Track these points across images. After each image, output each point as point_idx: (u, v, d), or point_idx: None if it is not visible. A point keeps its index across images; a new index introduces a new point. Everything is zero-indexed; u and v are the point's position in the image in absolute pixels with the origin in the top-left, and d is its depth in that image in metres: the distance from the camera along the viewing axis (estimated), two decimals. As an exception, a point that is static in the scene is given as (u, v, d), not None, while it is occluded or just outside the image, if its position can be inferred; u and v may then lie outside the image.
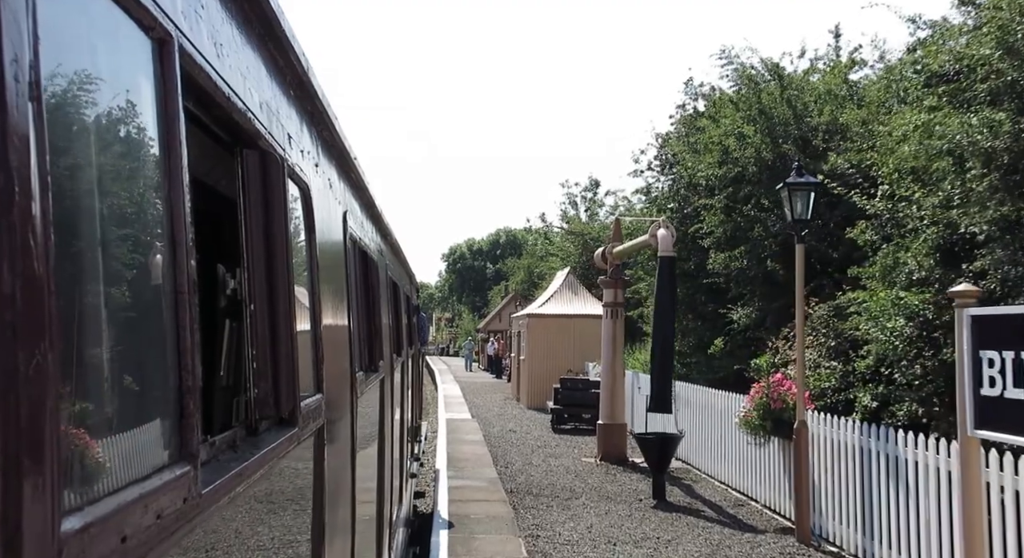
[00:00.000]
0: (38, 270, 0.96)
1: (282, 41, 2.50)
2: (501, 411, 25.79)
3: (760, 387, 11.12)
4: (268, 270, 2.39)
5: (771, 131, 17.15)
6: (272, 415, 2.40)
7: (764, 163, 16.98)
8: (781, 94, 17.41)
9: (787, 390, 10.70)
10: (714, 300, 18.66)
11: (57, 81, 1.11)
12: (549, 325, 26.39)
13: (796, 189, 10.37)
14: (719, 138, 17.95)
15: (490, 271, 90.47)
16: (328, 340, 3.19)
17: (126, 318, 1.42)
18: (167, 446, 1.49)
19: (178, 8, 1.54)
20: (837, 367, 12.17)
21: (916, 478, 8.24)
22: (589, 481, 13.72)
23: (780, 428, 10.78)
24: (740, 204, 17.31)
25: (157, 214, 1.50)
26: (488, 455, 16.11)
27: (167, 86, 1.49)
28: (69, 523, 1.02)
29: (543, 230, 50.78)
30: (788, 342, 13.57)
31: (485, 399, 30.00)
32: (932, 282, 10.33)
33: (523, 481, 13.55)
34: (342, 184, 4.13)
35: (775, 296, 16.17)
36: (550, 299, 27.98)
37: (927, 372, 9.98)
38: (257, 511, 2.15)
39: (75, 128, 1.20)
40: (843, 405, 11.46)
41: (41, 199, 0.97)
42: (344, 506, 3.79)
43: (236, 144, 2.28)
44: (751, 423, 11.15)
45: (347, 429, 3.92)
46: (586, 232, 36.66)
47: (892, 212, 11.52)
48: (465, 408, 26.24)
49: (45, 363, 0.96)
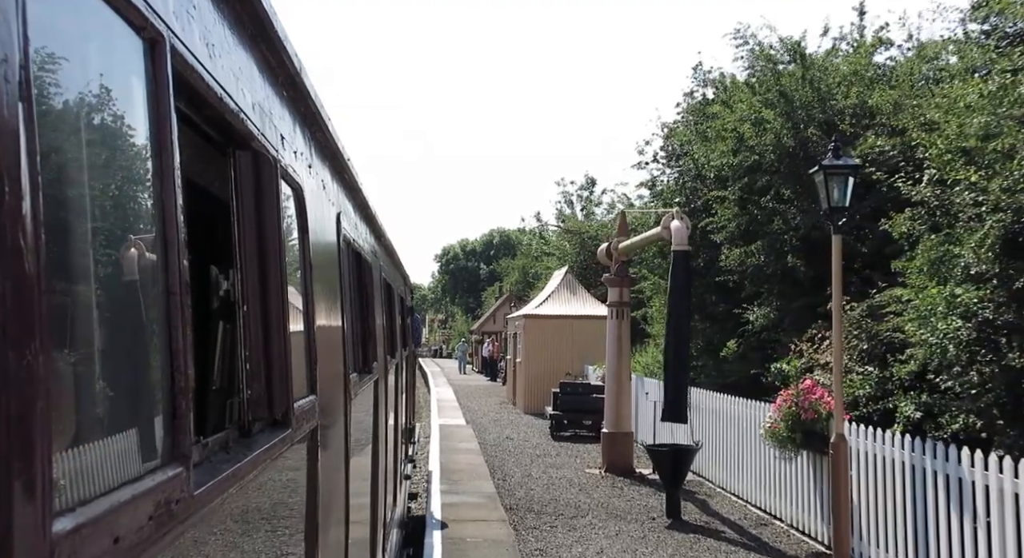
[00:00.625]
0: (29, 271, 0.96)
1: (275, 42, 2.50)
2: (497, 416, 24.81)
3: (788, 395, 9.97)
4: (261, 271, 2.38)
5: (792, 115, 15.85)
6: (265, 416, 2.40)
7: (784, 150, 15.75)
8: (803, 75, 16.14)
9: (819, 398, 9.66)
10: (725, 299, 17.49)
11: (47, 81, 1.11)
12: (546, 326, 25.45)
13: (833, 173, 8.90)
14: (733, 124, 16.75)
15: (484, 272, 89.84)
16: (322, 341, 3.18)
17: (118, 319, 1.42)
18: (159, 447, 1.48)
19: (170, 8, 1.54)
20: (872, 373, 11.07)
21: (985, 502, 7.20)
22: (595, 496, 12.71)
23: (811, 441, 9.75)
24: (757, 195, 16.12)
25: (149, 215, 1.50)
26: (484, 466, 15.09)
27: (159, 87, 1.48)
28: (61, 524, 1.02)
29: (538, 229, 49.93)
30: (814, 344, 12.59)
31: (480, 403, 29.08)
32: (991, 277, 9.12)
33: (523, 496, 12.53)
34: (335, 185, 4.12)
35: (795, 295, 15.01)
36: (548, 299, 26.96)
37: (985, 379, 8.91)
38: (250, 512, 2.14)
39: (66, 128, 1.19)
40: (879, 415, 10.37)
41: (32, 200, 0.97)
42: (338, 508, 3.79)
43: (229, 145, 2.28)
44: (778, 435, 9.99)
45: (341, 431, 3.91)
46: (584, 230, 35.90)
47: (941, 199, 10.35)
48: (459, 413, 25.26)
49: (36, 363, 0.96)
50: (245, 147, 2.29)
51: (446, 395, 32.21)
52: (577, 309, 25.93)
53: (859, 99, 15.57)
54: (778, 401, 10.10)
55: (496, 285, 70.31)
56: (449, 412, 25.46)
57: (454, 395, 32.12)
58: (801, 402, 9.74)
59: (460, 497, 12.22)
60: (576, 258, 33.67)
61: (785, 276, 15.35)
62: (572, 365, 24.48)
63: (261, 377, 2.37)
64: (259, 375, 2.37)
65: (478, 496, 12.37)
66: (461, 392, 33.95)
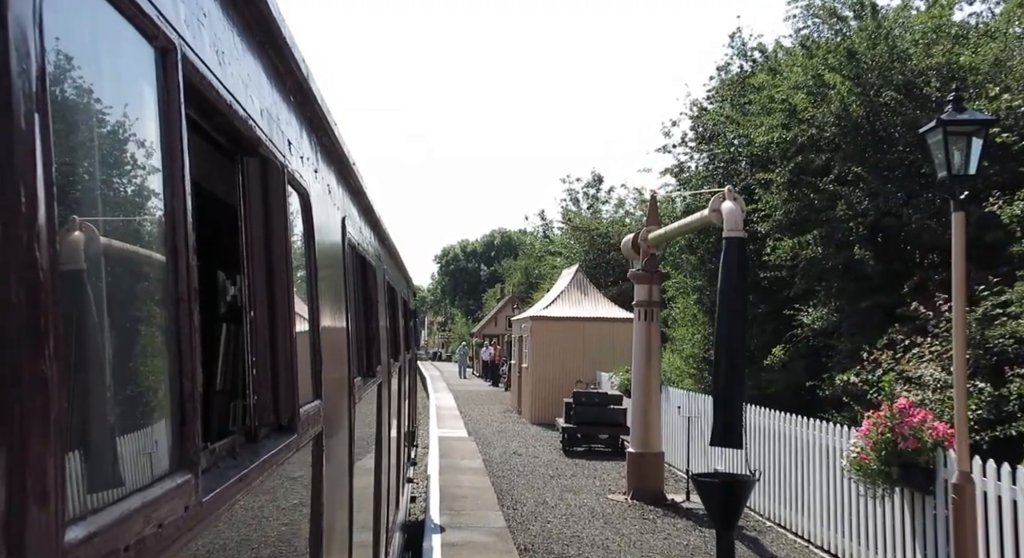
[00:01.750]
0: (42, 278, 0.96)
1: (283, 48, 2.51)
2: (501, 427, 22.70)
3: (880, 418, 8.06)
4: (268, 277, 2.39)
5: (861, 78, 13.29)
6: (271, 422, 2.40)
7: (850, 122, 13.31)
8: (877, 29, 13.61)
9: (921, 422, 7.86)
10: (766, 299, 15.13)
11: (63, 92, 1.11)
12: (555, 329, 23.31)
13: (956, 130, 7.06)
14: (784, 94, 14.35)
15: (484, 273, 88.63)
16: (327, 346, 3.19)
17: (128, 325, 1.42)
18: (168, 454, 1.49)
19: (181, 17, 1.55)
20: (984, 390, 9.19)
21: None
22: (624, 531, 10.57)
23: (911, 476, 7.91)
24: (812, 177, 13.78)
25: (159, 222, 1.51)
26: (491, 490, 13.16)
27: (170, 95, 1.49)
28: (73, 533, 1.02)
29: (543, 228, 47.94)
30: (896, 352, 10.46)
31: (482, 411, 27.36)
32: None
33: (539, 532, 10.47)
34: (341, 189, 4.13)
35: (860, 293, 12.77)
36: (556, 300, 24.86)
37: None
38: (256, 518, 2.15)
39: (80, 139, 1.20)
40: (993, 444, 8.53)
41: (47, 209, 0.97)
42: (342, 511, 3.79)
43: (237, 151, 2.28)
44: (867, 468, 8.16)
45: (345, 435, 3.92)
46: (593, 227, 34.31)
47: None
48: (460, 423, 23.27)
49: (47, 371, 0.96)
50: (253, 153, 2.29)
51: (446, 402, 30.65)
52: (588, 310, 23.97)
53: (946, 58, 13.13)
54: (866, 425, 8.27)
55: (497, 286, 69.28)
56: (449, 421, 23.63)
57: (454, 402, 30.58)
58: (898, 427, 7.89)
59: (464, 534, 10.22)
60: (584, 257, 32.28)
61: (848, 271, 13.07)
62: (583, 371, 22.84)
63: (267, 382, 2.38)
64: (266, 380, 2.37)
65: (485, 533, 10.38)
66: (462, 398, 32.30)
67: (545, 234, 47.64)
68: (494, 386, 42.30)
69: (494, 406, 29.54)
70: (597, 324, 23.25)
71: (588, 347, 23.15)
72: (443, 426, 22.15)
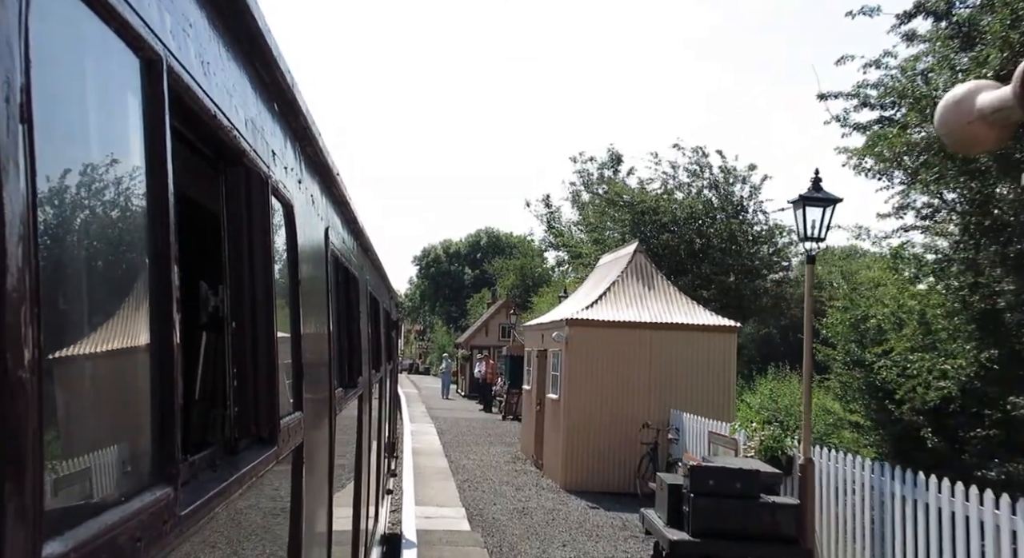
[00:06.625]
0: (23, 287, 0.95)
1: (268, 58, 2.51)
2: (520, 498, 13.82)
3: None
4: (251, 287, 2.38)
5: None
6: (252, 433, 2.39)
7: None
8: None
9: None
10: None
11: (48, 101, 1.11)
12: (606, 340, 14.71)
13: None
14: None
15: (469, 277, 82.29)
16: (308, 357, 3.18)
17: (109, 335, 1.41)
18: (148, 466, 1.48)
19: (167, 27, 1.55)
20: None
21: None
22: None
23: None
24: None
25: (142, 233, 1.50)
26: None
27: (155, 106, 1.49)
28: (51, 548, 1.01)
29: (547, 216, 39.47)
30: None
31: (481, 458, 18.91)
32: None
33: None
34: (324, 200, 4.12)
35: None
36: (605, 295, 15.78)
37: None
38: (235, 531, 2.13)
39: (64, 149, 1.19)
40: None
41: (31, 220, 0.97)
42: (321, 524, 3.77)
43: (221, 162, 2.28)
44: None
45: (326, 446, 3.90)
46: (640, 200, 26.39)
47: None
48: (451, 485, 14.66)
49: (25, 381, 0.96)
50: (237, 163, 2.29)
51: (426, 441, 21.61)
52: (660, 313, 15.24)
53: None
54: None
55: (484, 291, 63.91)
56: (433, 481, 14.99)
57: (438, 439, 22.12)
58: None
59: None
60: (618, 243, 24.13)
61: None
62: (650, 409, 14.51)
63: (248, 394, 2.37)
64: (246, 392, 2.36)
65: None
66: (448, 432, 24.30)
67: (550, 224, 39.26)
68: (486, 411, 34.86)
69: (495, 447, 21.30)
70: (674, 335, 14.82)
71: (659, 370, 14.81)
72: (424, 489, 13.78)
